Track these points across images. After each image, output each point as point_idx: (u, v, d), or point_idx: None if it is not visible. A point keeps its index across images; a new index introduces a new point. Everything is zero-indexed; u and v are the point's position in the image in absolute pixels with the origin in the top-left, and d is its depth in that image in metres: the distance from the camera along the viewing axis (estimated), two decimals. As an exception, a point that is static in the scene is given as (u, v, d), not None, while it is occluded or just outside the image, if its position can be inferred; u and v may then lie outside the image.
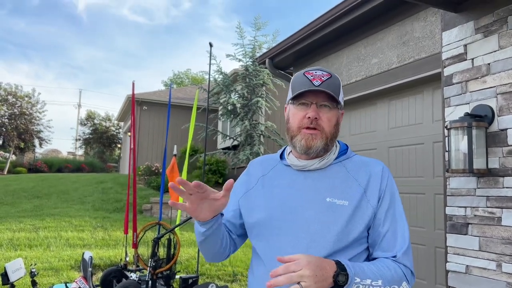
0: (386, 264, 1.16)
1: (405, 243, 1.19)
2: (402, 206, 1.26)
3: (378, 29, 4.27)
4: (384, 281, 1.12)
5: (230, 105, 11.71)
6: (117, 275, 4.31)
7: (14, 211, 9.33)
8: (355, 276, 1.07)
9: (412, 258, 1.21)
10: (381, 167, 1.27)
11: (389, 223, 1.20)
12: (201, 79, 33.29)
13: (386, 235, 1.19)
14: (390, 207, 1.21)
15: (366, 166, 1.26)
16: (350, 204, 1.18)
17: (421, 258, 3.72)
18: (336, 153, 1.27)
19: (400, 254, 1.18)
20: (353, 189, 1.21)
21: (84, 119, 30.97)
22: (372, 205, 1.20)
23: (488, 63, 2.66)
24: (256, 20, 11.89)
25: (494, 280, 2.51)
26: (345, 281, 1.05)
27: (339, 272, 1.06)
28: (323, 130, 1.21)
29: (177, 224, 4.03)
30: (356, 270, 1.09)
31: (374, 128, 4.41)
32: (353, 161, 1.28)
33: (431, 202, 3.67)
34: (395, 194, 1.25)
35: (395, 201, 1.24)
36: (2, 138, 22.46)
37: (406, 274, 1.18)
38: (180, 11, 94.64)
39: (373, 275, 1.11)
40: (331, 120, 1.23)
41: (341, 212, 1.17)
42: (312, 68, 1.28)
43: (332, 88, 1.21)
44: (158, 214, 9.20)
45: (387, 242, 1.19)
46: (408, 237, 1.21)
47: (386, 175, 1.25)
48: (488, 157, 2.60)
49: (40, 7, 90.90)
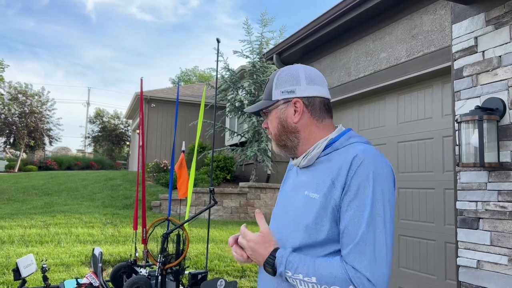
0: (331, 261, 1.06)
1: (355, 241, 1.03)
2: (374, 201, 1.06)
3: (387, 23, 4.23)
4: (319, 278, 1.04)
5: (237, 101, 11.72)
6: (127, 271, 4.34)
7: (25, 208, 9.45)
8: (286, 269, 1.09)
9: (372, 263, 1.01)
10: (353, 155, 1.11)
11: (348, 218, 1.06)
12: (209, 76, 33.33)
13: (344, 232, 1.07)
14: (353, 200, 1.07)
15: (344, 154, 1.15)
16: (320, 196, 1.13)
17: (431, 253, 3.69)
18: (321, 147, 1.20)
19: (345, 253, 1.05)
20: (325, 180, 1.14)
21: (93, 117, 31.22)
22: (335, 198, 1.10)
23: (499, 56, 2.62)
24: (263, 16, 11.87)
25: (505, 275, 2.48)
26: (271, 272, 1.12)
27: (266, 263, 1.13)
28: (271, 134, 1.29)
29: (186, 220, 4.05)
30: (289, 264, 1.09)
31: (383, 123, 4.38)
32: (343, 151, 1.17)
33: (441, 197, 3.64)
34: (363, 186, 1.07)
35: (361, 194, 1.07)
36: (13, 136, 22.73)
37: (354, 278, 1.00)
38: (187, 9, 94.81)
39: (307, 271, 1.06)
40: (272, 122, 1.27)
41: (313, 205, 1.14)
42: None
43: (265, 94, 1.29)
44: (167, 211, 9.25)
45: (344, 240, 1.07)
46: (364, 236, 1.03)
47: (356, 163, 1.09)
48: (499, 151, 2.56)
49: (49, 7, 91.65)
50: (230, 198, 10.52)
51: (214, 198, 3.72)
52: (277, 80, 1.25)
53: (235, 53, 11.94)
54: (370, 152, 1.13)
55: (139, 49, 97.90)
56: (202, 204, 10.29)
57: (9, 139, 23.05)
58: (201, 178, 11.36)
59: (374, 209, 1.06)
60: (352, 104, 4.84)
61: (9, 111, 22.24)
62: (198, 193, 10.27)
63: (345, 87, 4.81)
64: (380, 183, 1.08)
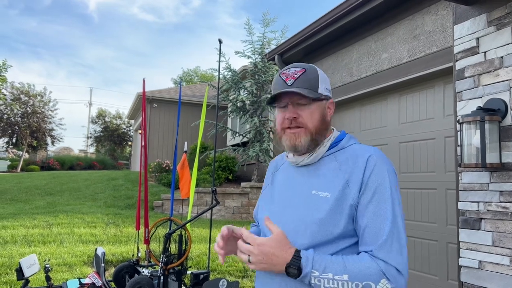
0: (360, 258, 1.10)
1: (384, 237, 1.10)
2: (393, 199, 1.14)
3: (389, 23, 4.24)
4: (352, 275, 1.06)
5: (239, 102, 11.72)
6: (130, 271, 4.35)
7: (27, 208, 9.48)
8: (313, 270, 1.07)
9: (398, 255, 1.09)
10: (368, 155, 1.19)
11: (370, 216, 1.12)
12: (210, 76, 33.36)
13: (367, 229, 1.12)
14: (373, 199, 1.13)
15: (356, 156, 1.20)
16: (332, 195, 1.15)
17: (433, 253, 3.69)
18: (327, 146, 1.25)
19: (375, 248, 1.09)
20: (337, 180, 1.17)
21: (95, 117, 31.29)
22: (352, 196, 1.14)
23: (501, 56, 2.62)
24: (265, 17, 11.87)
25: (507, 275, 2.48)
26: (296, 274, 1.07)
27: (290, 265, 1.08)
28: (306, 127, 1.21)
29: (188, 220, 4.06)
30: (316, 263, 1.07)
31: (385, 124, 4.38)
32: (347, 151, 1.24)
33: (443, 197, 3.64)
34: (382, 185, 1.14)
35: (381, 192, 1.14)
36: (15, 136, 22.80)
37: (386, 271, 1.07)
38: (189, 9, 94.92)
39: (337, 269, 1.06)
40: (313, 115, 1.22)
41: (323, 204, 1.15)
42: (288, 66, 1.29)
43: (307, 83, 1.22)
44: (169, 211, 9.27)
45: (368, 236, 1.12)
46: (391, 231, 1.10)
47: (372, 164, 1.16)
48: (501, 152, 2.56)
49: (51, 7, 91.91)
50: (232, 198, 10.53)
51: (216, 198, 3.73)
52: (321, 75, 1.27)
53: (237, 54, 11.95)
54: (381, 153, 1.21)
55: (141, 49, 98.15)
56: (204, 204, 10.30)
57: (11, 139, 23.13)
58: (203, 178, 11.37)
59: (394, 206, 1.14)
60: (354, 104, 4.84)
61: (11, 111, 22.31)
62: (200, 193, 10.29)
63: (347, 87, 4.81)
64: (394, 181, 1.17)
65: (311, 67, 1.26)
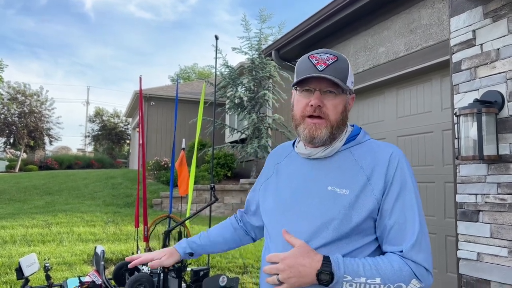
0: (390, 259, 1.07)
1: (414, 237, 1.07)
2: (417, 196, 1.13)
3: (385, 17, 4.23)
4: (384, 278, 1.03)
5: (237, 98, 11.70)
6: (129, 269, 4.35)
7: (26, 208, 9.47)
8: (345, 274, 1.03)
9: (427, 254, 1.09)
10: (389, 152, 1.16)
11: (397, 214, 1.09)
12: (208, 73, 33.30)
13: (393, 228, 1.09)
14: (399, 197, 1.10)
15: (375, 152, 1.16)
16: (351, 193, 1.11)
17: (432, 247, 3.68)
18: (343, 140, 1.20)
19: (407, 249, 1.07)
20: (357, 177, 1.13)
21: (93, 116, 31.22)
22: (375, 194, 1.10)
23: (497, 48, 2.62)
24: (261, 12, 11.83)
25: (506, 267, 2.49)
26: (329, 280, 1.02)
27: (322, 271, 1.03)
28: (328, 118, 1.15)
29: (187, 217, 4.06)
30: (347, 268, 1.03)
31: (383, 118, 4.38)
32: (363, 146, 1.20)
33: (441, 190, 3.65)
34: (406, 183, 1.12)
35: (406, 190, 1.11)
36: (13, 136, 22.74)
37: (416, 271, 1.06)
38: (186, 6, 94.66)
39: (369, 273, 1.03)
40: (337, 107, 1.16)
41: (341, 201, 1.11)
42: (318, 50, 1.21)
43: (338, 72, 1.15)
44: (168, 208, 9.27)
45: (395, 236, 1.09)
46: (420, 231, 1.09)
47: (395, 161, 1.13)
48: (498, 143, 2.57)
49: (48, 6, 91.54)
50: (231, 195, 10.54)
51: (214, 195, 3.73)
52: (350, 67, 1.21)
53: (234, 50, 11.91)
54: (400, 150, 1.20)
55: (139, 47, 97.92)
56: (203, 201, 10.30)
57: (9, 139, 23.07)
58: (202, 175, 11.37)
59: (419, 205, 1.13)
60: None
61: (8, 111, 22.24)
62: (199, 190, 10.29)
63: (344, 82, 4.80)
64: (414, 179, 1.16)
65: (342, 56, 1.20)
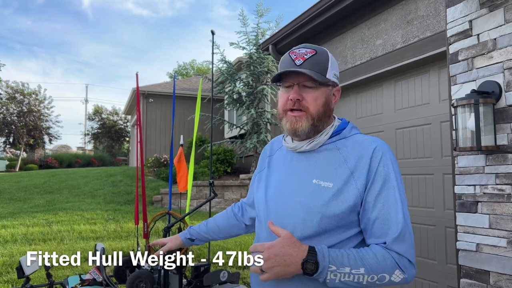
0: (374, 251, 1.09)
1: (398, 229, 1.10)
2: (400, 190, 1.15)
3: (382, 9, 4.20)
4: (368, 269, 1.06)
5: (235, 94, 11.68)
6: (130, 265, 4.36)
7: (27, 207, 9.47)
8: (330, 264, 1.04)
9: (410, 246, 1.12)
10: (373, 147, 1.17)
11: (380, 208, 1.12)
12: (206, 69, 33.21)
13: (377, 221, 1.12)
14: (382, 190, 1.12)
15: (359, 146, 1.18)
16: (335, 186, 1.14)
17: (432, 238, 3.71)
18: (329, 134, 1.21)
19: (390, 241, 1.10)
20: (341, 170, 1.15)
21: (92, 114, 31.18)
22: (358, 188, 1.13)
23: (494, 38, 2.60)
24: (259, 7, 11.78)
25: (505, 257, 2.49)
26: (314, 269, 1.04)
27: (307, 260, 1.04)
28: (308, 111, 1.17)
29: (186, 213, 4.06)
30: (332, 258, 1.05)
31: (381, 110, 4.37)
32: (349, 141, 1.21)
33: (440, 182, 3.65)
34: (390, 176, 1.14)
35: (390, 184, 1.13)
36: (12, 136, 22.73)
37: (399, 262, 1.09)
38: (184, 2, 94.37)
39: (354, 263, 1.06)
40: (317, 100, 1.18)
41: (325, 194, 1.13)
42: (299, 46, 1.24)
43: (316, 66, 1.17)
44: (168, 205, 9.27)
45: (378, 228, 1.12)
46: (404, 223, 1.11)
47: (378, 155, 1.15)
48: (496, 134, 2.56)
49: (45, 5, 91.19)
50: (231, 190, 10.54)
51: (214, 190, 3.72)
52: (331, 60, 1.22)
53: (231, 45, 11.87)
54: (385, 143, 1.20)
55: (137, 44, 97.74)
56: (203, 197, 10.31)
57: (8, 139, 23.07)
58: (202, 171, 11.37)
59: (402, 197, 1.14)
60: (349, 92, 4.83)
61: (7, 110, 22.21)
62: (199, 186, 10.30)
63: (342, 75, 4.79)
64: (398, 172, 1.17)
65: (322, 50, 1.21)
